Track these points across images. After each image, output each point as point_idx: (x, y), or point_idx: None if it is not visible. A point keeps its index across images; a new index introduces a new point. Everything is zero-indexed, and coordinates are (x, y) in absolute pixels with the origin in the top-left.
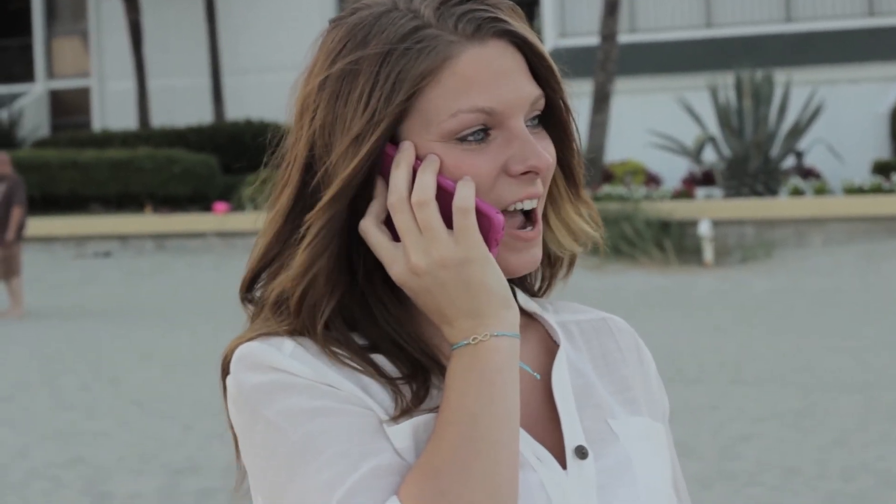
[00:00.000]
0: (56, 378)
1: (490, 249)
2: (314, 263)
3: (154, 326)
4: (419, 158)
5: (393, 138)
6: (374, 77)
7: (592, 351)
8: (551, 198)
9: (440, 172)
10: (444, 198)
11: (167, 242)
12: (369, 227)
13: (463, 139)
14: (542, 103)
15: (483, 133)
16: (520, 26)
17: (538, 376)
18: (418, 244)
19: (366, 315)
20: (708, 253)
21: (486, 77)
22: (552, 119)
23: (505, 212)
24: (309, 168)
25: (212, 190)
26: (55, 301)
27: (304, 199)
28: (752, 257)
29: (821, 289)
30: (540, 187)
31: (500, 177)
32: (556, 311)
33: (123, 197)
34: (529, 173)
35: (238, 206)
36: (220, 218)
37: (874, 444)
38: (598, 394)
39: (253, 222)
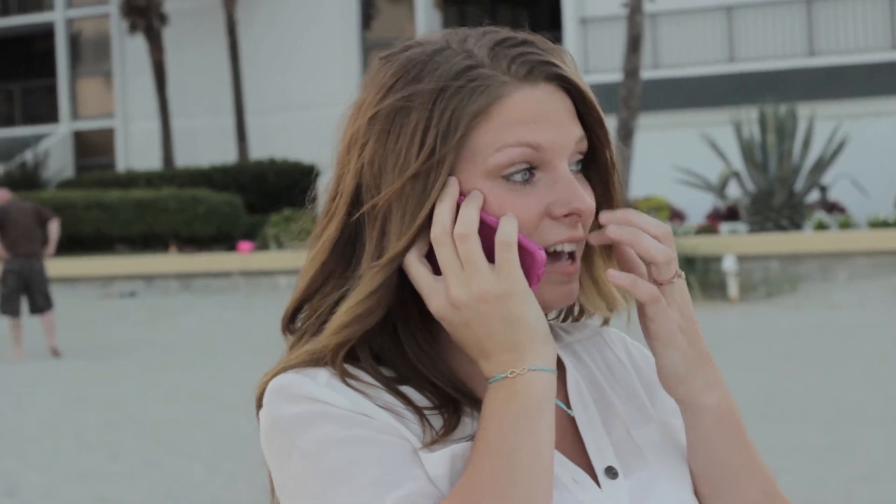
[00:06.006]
0: (81, 418)
1: (531, 285)
2: (370, 310)
3: (179, 366)
4: (463, 194)
5: None
6: (429, 114)
7: (599, 366)
8: (584, 251)
9: (483, 209)
10: (487, 233)
11: (192, 282)
12: (411, 261)
13: (508, 177)
14: (584, 145)
15: (528, 173)
16: (571, 72)
17: (572, 412)
18: (459, 277)
19: (395, 348)
20: (733, 288)
21: (534, 116)
22: (595, 170)
23: (546, 252)
24: (355, 202)
25: (236, 229)
26: (81, 341)
27: (348, 232)
28: (778, 292)
29: (847, 323)
30: (581, 231)
31: (543, 219)
32: (567, 333)
33: (148, 237)
34: (572, 216)
35: (263, 246)
36: (244, 257)
37: None
38: (615, 405)
39: (277, 261)
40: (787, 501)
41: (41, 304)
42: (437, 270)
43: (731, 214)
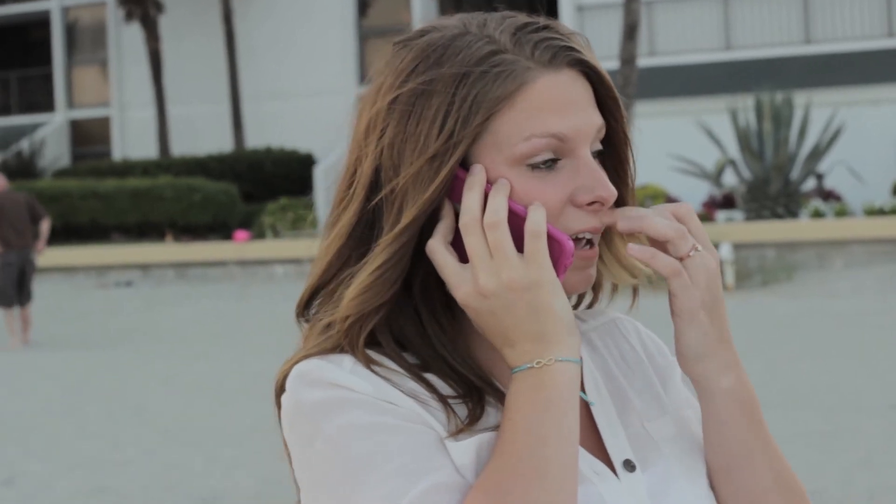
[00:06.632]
0: (80, 407)
1: (558, 275)
2: (381, 284)
3: (176, 355)
4: (489, 182)
5: (462, 161)
6: (451, 98)
7: (613, 355)
8: (604, 231)
9: (510, 197)
10: (514, 222)
11: (188, 271)
12: (437, 248)
13: (533, 165)
14: (603, 132)
15: (552, 161)
16: (591, 57)
17: (593, 403)
18: (488, 266)
19: (419, 334)
20: (729, 276)
21: (559, 104)
22: (611, 151)
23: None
24: (374, 186)
25: (232, 218)
26: (77, 330)
27: (366, 217)
28: (774, 280)
29: (843, 311)
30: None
31: (566, 206)
32: (581, 321)
33: (144, 226)
34: (595, 203)
35: (258, 235)
36: (240, 246)
37: None
38: (630, 397)
39: (273, 250)
40: (798, 485)
41: (27, 297)
42: (462, 258)
43: (727, 202)
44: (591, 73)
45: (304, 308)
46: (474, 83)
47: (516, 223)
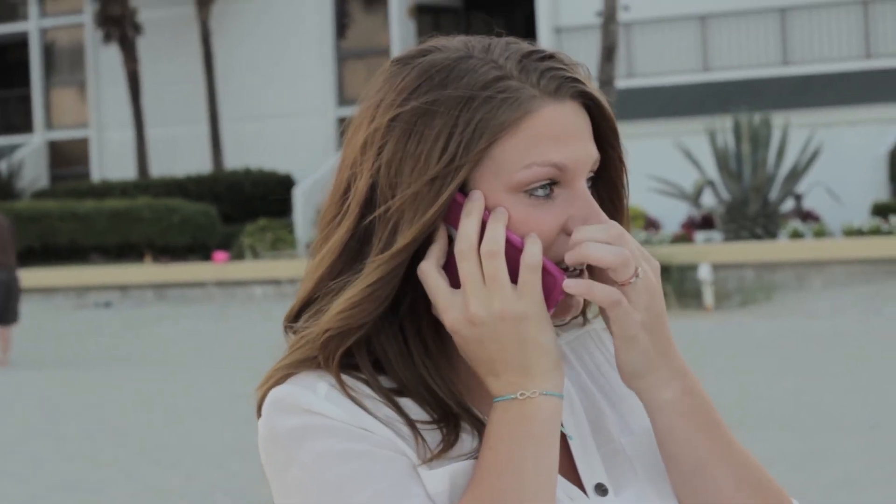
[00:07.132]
0: (59, 428)
1: (548, 308)
2: (370, 302)
3: (155, 376)
4: (487, 209)
5: (461, 186)
6: (454, 121)
7: (588, 368)
8: None
9: (506, 225)
10: (509, 252)
11: (167, 292)
12: (430, 270)
13: (530, 192)
14: (597, 165)
15: (549, 188)
16: (594, 88)
17: (572, 438)
18: (481, 294)
19: (401, 355)
20: (708, 297)
21: (561, 134)
22: (606, 180)
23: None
24: (368, 204)
25: (211, 239)
26: (56, 351)
27: (359, 234)
28: (753, 301)
29: (822, 331)
30: None
31: (560, 235)
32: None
33: (123, 247)
34: None
35: (237, 255)
36: (219, 267)
37: (880, 485)
38: (605, 411)
39: (252, 271)
40: (770, 483)
41: (14, 316)
42: (451, 282)
43: (706, 223)
44: (591, 105)
45: (293, 320)
46: (479, 108)
47: (511, 253)
